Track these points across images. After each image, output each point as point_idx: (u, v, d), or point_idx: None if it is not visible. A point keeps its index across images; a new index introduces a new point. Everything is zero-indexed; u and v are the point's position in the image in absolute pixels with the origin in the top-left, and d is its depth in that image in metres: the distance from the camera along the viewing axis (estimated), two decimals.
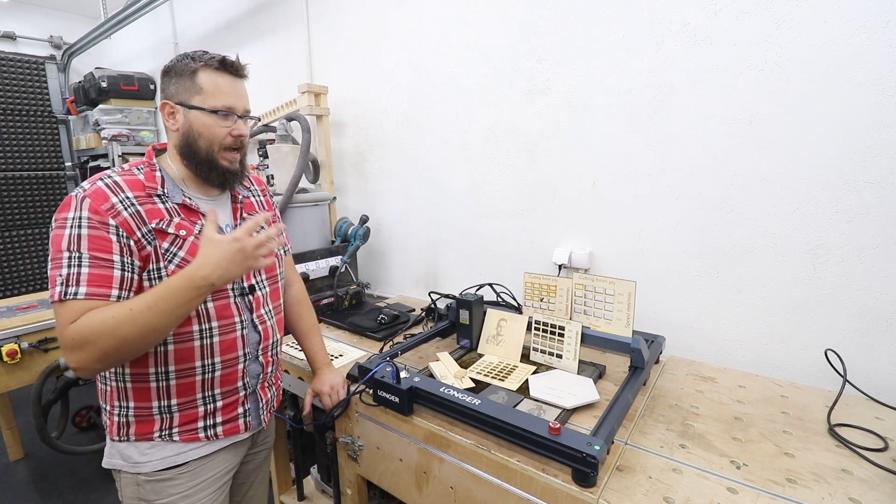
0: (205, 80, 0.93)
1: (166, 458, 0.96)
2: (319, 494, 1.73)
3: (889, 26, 1.06)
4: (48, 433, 2.01)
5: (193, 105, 0.93)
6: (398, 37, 2.06)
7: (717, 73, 1.29)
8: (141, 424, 0.95)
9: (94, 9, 3.96)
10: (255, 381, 1.06)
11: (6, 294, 3.97)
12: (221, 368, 0.99)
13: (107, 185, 0.87)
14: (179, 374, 0.94)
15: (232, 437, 1.04)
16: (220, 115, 0.94)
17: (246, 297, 1.02)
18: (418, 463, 1.06)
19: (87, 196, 0.84)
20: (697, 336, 1.45)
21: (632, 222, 1.52)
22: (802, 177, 1.21)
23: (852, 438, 0.94)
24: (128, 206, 0.87)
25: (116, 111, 3.61)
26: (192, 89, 0.93)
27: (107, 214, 0.84)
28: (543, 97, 1.65)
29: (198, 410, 0.98)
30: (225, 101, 0.94)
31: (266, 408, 1.11)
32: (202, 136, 0.94)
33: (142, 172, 0.93)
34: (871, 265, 1.15)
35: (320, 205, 2.13)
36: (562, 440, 0.83)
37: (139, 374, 0.93)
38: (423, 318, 1.72)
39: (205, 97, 0.93)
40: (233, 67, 0.96)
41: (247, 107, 0.99)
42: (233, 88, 0.96)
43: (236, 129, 0.96)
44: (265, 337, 1.06)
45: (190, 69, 0.93)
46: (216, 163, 0.97)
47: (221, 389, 1.00)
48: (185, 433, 0.97)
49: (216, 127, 0.94)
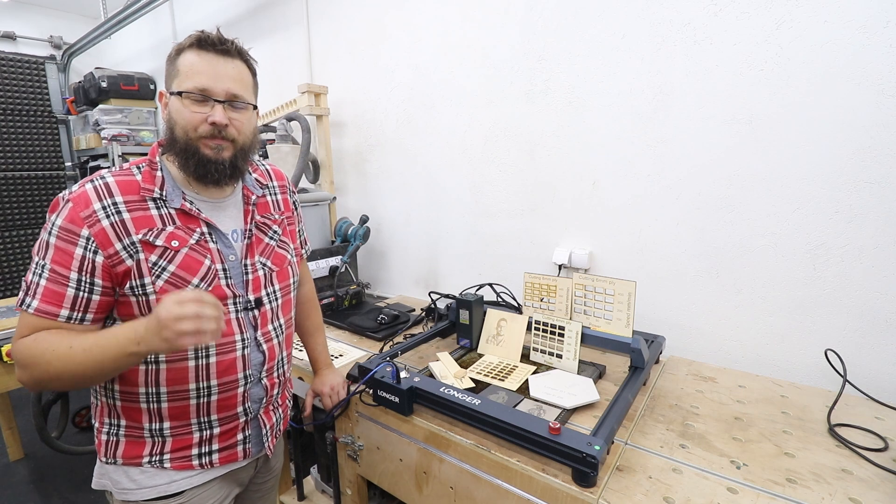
0: (182, 61, 0.82)
1: (157, 487, 0.88)
2: (319, 494, 1.73)
3: (889, 26, 1.06)
4: (48, 433, 2.01)
5: (172, 90, 0.83)
6: (398, 37, 2.06)
7: (717, 73, 1.29)
8: (131, 445, 0.87)
9: (94, 9, 3.95)
10: (258, 405, 0.96)
11: (6, 294, 3.97)
12: (218, 392, 0.89)
13: (95, 188, 0.80)
14: (172, 397, 0.86)
15: (229, 465, 0.95)
16: (193, 98, 0.82)
17: (251, 312, 0.92)
18: (418, 463, 1.06)
19: (71, 199, 0.78)
20: (697, 336, 1.45)
21: (632, 222, 1.52)
22: (802, 177, 1.21)
23: (852, 438, 0.94)
24: (111, 213, 0.79)
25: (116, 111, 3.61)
26: (172, 73, 0.84)
27: (82, 223, 0.77)
28: (543, 97, 1.65)
29: (192, 437, 0.89)
30: (196, 82, 0.81)
31: (271, 433, 1.00)
32: (178, 124, 0.83)
33: (140, 172, 0.85)
34: (871, 265, 1.15)
35: (320, 205, 2.13)
36: (562, 440, 0.83)
37: (128, 392, 0.86)
38: (423, 318, 1.72)
39: (181, 80, 0.82)
40: (209, 42, 0.82)
41: (232, 89, 0.84)
42: (209, 68, 0.82)
43: (211, 115, 0.82)
44: (270, 356, 0.95)
45: (174, 52, 0.84)
46: (196, 151, 0.84)
47: (219, 416, 0.90)
48: (176, 460, 0.88)
49: (187, 112, 0.82)
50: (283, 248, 1.01)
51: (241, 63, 0.88)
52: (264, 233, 0.98)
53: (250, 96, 0.90)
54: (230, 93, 0.84)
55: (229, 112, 0.85)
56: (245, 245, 0.93)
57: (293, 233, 1.07)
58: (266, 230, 0.98)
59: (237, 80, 0.86)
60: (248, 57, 0.91)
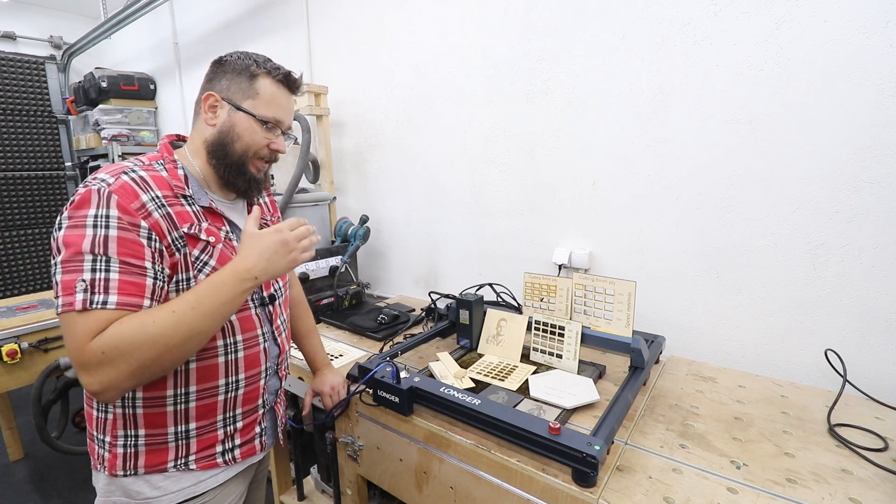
0: (263, 87, 0.89)
1: (183, 490, 0.87)
2: (319, 494, 1.73)
3: (889, 26, 1.06)
4: (48, 433, 2.01)
5: (243, 107, 0.88)
6: (398, 37, 2.06)
7: (717, 73, 1.29)
8: (152, 454, 0.85)
9: (94, 9, 3.96)
10: (274, 396, 1.02)
11: (6, 294, 3.97)
12: (245, 385, 0.93)
13: (133, 181, 0.77)
14: (201, 395, 0.87)
15: (249, 459, 0.98)
16: (268, 126, 0.90)
17: (266, 307, 0.97)
18: (418, 463, 1.06)
19: (114, 192, 0.74)
20: (697, 336, 1.45)
21: (632, 222, 1.52)
22: (802, 177, 1.21)
23: (852, 438, 0.94)
24: (159, 205, 0.78)
25: (116, 111, 3.61)
26: (247, 92, 0.89)
27: (137, 215, 0.75)
28: (543, 97, 1.65)
29: (217, 434, 0.91)
30: (276, 114, 0.91)
31: (281, 424, 1.08)
32: (241, 140, 0.89)
33: (164, 169, 0.85)
34: (871, 265, 1.15)
35: (320, 205, 2.13)
36: (562, 440, 0.83)
37: (154, 398, 0.84)
38: (423, 318, 1.72)
39: (257, 103, 0.89)
40: (294, 84, 0.94)
41: (290, 124, 0.96)
42: (287, 103, 0.93)
43: (276, 143, 0.92)
44: (282, 349, 1.02)
45: (250, 71, 0.89)
46: (245, 168, 0.91)
47: (243, 409, 0.94)
48: (202, 460, 0.89)
49: (258, 135, 0.90)
50: None
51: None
52: None
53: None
54: (290, 126, 0.96)
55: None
56: None
57: None
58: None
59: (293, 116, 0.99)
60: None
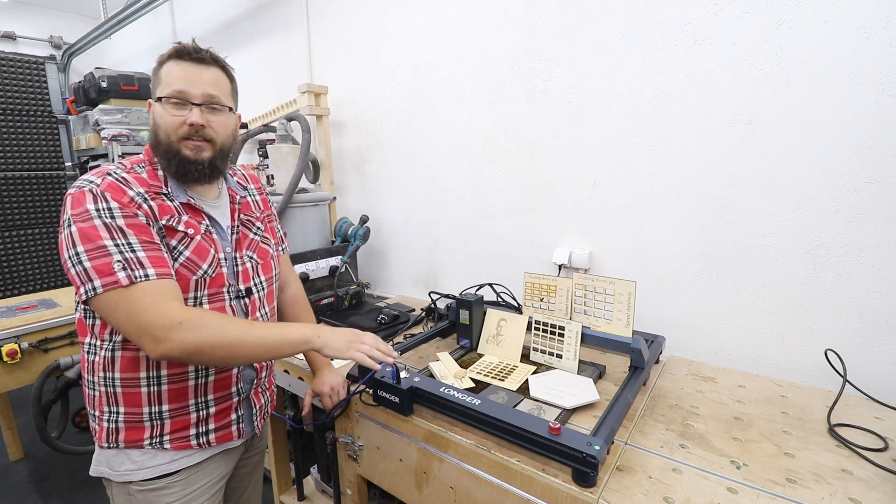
0: (164, 70, 0.91)
1: (158, 466, 0.94)
2: (319, 494, 1.73)
3: (889, 26, 1.06)
4: (48, 433, 2.01)
5: (156, 98, 0.91)
6: (398, 36, 2.06)
7: (717, 74, 1.29)
8: (131, 431, 0.92)
9: (94, 9, 3.96)
10: (249, 386, 1.05)
11: (6, 294, 3.97)
12: (215, 373, 0.97)
13: (117, 181, 0.85)
14: (172, 379, 0.92)
15: (225, 444, 1.02)
16: (172, 102, 0.89)
17: (242, 300, 1.00)
18: (418, 463, 1.06)
19: (105, 190, 0.82)
20: (697, 336, 1.45)
21: (632, 222, 1.52)
22: (802, 177, 1.21)
23: (852, 438, 0.94)
24: (142, 201, 0.86)
25: (116, 111, 3.60)
26: (155, 83, 0.92)
27: (131, 206, 0.84)
28: (543, 97, 1.65)
29: (190, 417, 0.95)
30: (174, 87, 0.89)
31: (259, 413, 1.10)
32: (160, 128, 0.90)
33: (144, 171, 0.92)
34: (871, 265, 1.15)
35: (320, 205, 2.13)
36: (562, 440, 0.83)
37: (130, 378, 0.91)
38: (423, 318, 1.72)
39: (162, 87, 0.90)
40: (186, 52, 0.90)
41: (209, 92, 0.91)
42: (185, 74, 0.90)
43: (189, 117, 0.90)
44: None
45: (157, 64, 0.92)
46: (177, 152, 0.91)
47: (215, 395, 0.98)
48: (176, 441, 0.94)
49: (168, 116, 0.89)
50: (266, 243, 1.11)
51: (217, 69, 0.95)
52: (249, 229, 1.07)
53: (227, 99, 0.96)
54: (207, 94, 0.91)
55: (207, 114, 0.92)
56: (234, 240, 1.02)
57: (272, 229, 1.18)
58: (250, 227, 1.08)
59: (213, 85, 0.93)
60: (225, 64, 0.98)
